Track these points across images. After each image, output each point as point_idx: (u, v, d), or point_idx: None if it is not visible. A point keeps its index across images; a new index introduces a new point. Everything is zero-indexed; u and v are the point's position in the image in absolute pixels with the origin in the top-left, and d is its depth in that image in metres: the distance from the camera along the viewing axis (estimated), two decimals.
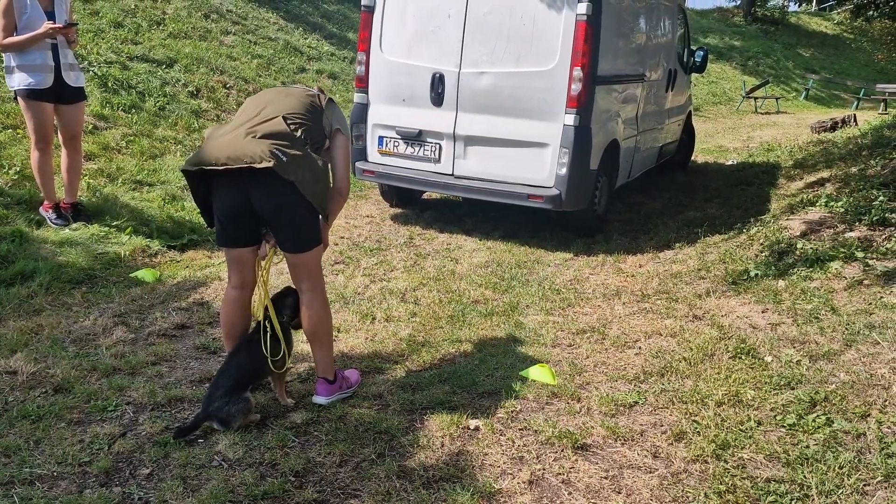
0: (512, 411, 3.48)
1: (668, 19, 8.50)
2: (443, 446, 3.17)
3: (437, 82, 6.34)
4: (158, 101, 8.08)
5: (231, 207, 3.20)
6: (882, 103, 21.91)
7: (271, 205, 3.15)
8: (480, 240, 6.54)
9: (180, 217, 6.11)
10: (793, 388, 3.59)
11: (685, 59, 9.51)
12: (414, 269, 5.69)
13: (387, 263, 5.79)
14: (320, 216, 3.33)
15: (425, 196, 7.97)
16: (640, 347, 4.28)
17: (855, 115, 14.93)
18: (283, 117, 3.17)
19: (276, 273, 5.17)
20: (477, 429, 3.32)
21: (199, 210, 3.35)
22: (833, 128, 13.81)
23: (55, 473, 2.83)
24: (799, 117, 19.46)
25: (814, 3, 34.95)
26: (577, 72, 5.97)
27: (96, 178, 6.30)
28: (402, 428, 3.27)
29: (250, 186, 3.10)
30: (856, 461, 2.97)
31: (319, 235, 3.35)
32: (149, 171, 6.77)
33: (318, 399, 3.48)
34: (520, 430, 3.33)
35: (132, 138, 7.20)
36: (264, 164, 2.98)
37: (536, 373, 3.85)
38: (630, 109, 7.34)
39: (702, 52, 9.87)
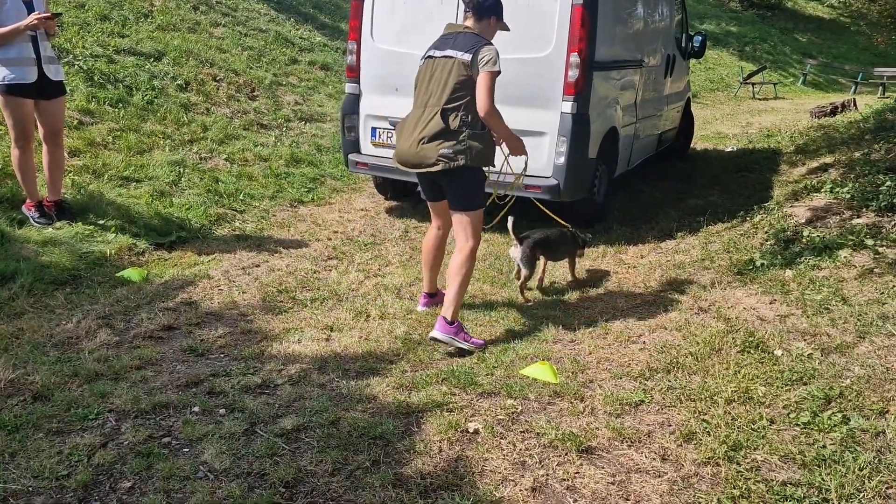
0: (513, 413, 3.33)
1: (666, 4, 8.31)
2: (441, 452, 3.01)
3: None
4: (146, 95, 7.88)
5: (425, 184, 4.33)
6: (880, 87, 21.75)
7: (451, 182, 4.09)
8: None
9: (168, 214, 5.93)
10: (805, 384, 3.44)
11: (684, 45, 9.33)
12: (409, 263, 5.52)
13: (382, 258, 5.63)
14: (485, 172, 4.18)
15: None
16: (644, 342, 4.13)
17: (855, 99, 14.76)
18: (442, 111, 3.95)
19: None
20: (476, 432, 3.17)
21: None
22: (833, 112, 13.65)
23: (31, 489, 2.67)
24: (797, 102, 19.31)
25: None
26: (574, 58, 5.79)
27: (81, 175, 6.11)
28: (397, 433, 3.12)
29: (434, 174, 4.08)
30: (876, 462, 2.82)
31: (483, 199, 4.19)
32: (136, 166, 6.58)
33: (434, 333, 3.96)
34: (521, 432, 3.17)
35: (119, 133, 7.01)
36: (436, 169, 3.98)
37: (537, 371, 3.70)
38: (629, 96, 7.16)
39: (700, 38, 9.68)
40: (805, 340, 3.88)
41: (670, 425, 3.24)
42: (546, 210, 5.22)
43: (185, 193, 6.45)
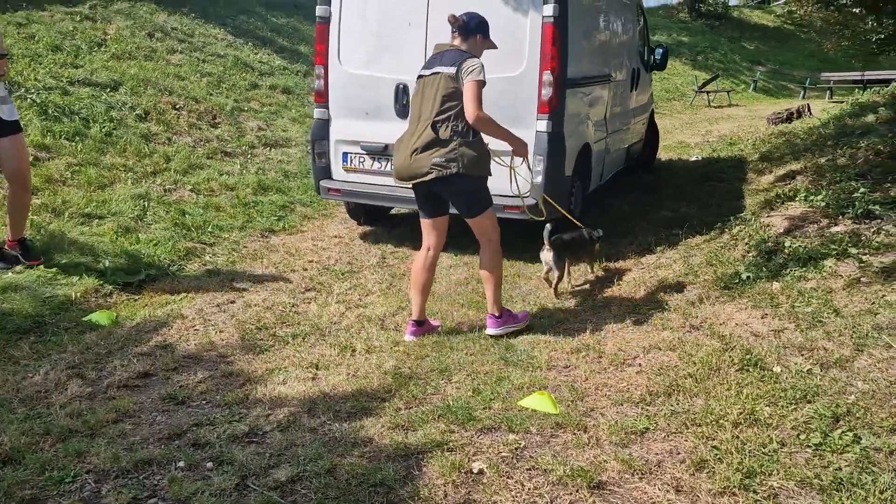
0: (516, 448, 3.20)
1: (629, 18, 8.36)
2: (446, 496, 2.86)
3: (402, 93, 6.04)
4: (104, 127, 7.62)
5: (421, 198, 4.39)
6: (828, 91, 22.34)
7: (448, 191, 4.28)
8: (456, 255, 6.25)
9: (135, 251, 5.68)
10: (810, 402, 3.37)
11: (646, 58, 9.39)
12: (390, 291, 5.38)
13: (361, 287, 5.47)
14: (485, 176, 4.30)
15: (394, 212, 7.66)
16: (640, 364, 4.04)
17: (809, 104, 15.08)
18: (432, 123, 4.12)
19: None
20: (481, 472, 3.02)
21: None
22: (789, 118, 13.90)
23: None
24: (751, 109, 19.68)
25: None
26: (547, 76, 5.74)
27: (40, 214, 5.83)
28: (398, 478, 2.96)
29: (431, 185, 4.22)
30: (895, 483, 2.76)
31: (488, 201, 4.35)
32: (98, 202, 6.32)
33: (489, 331, 4.44)
34: (528, 470, 3.04)
35: (77, 168, 6.74)
36: (430, 178, 4.14)
37: (536, 402, 3.58)
38: (599, 111, 7.14)
39: (661, 50, 9.76)
40: (802, 355, 3.83)
41: (679, 453, 3.14)
42: (560, 209, 5.46)
43: (151, 228, 6.20)
